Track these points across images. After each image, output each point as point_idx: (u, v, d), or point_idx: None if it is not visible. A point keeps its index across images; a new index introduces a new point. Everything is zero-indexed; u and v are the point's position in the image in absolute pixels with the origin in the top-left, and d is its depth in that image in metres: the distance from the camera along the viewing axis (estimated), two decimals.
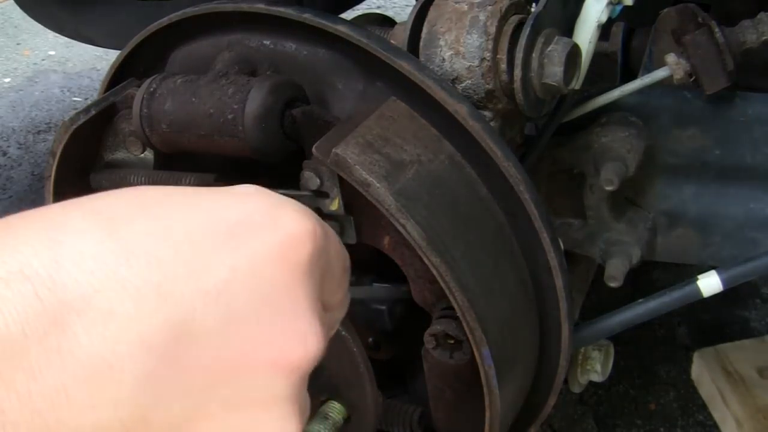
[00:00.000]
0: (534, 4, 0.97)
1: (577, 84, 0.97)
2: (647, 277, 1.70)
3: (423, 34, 0.93)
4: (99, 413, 0.34)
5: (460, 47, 0.90)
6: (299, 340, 0.39)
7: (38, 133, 2.77)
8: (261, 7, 0.92)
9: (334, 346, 0.51)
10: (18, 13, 2.63)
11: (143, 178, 0.94)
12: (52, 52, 3.28)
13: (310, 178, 0.83)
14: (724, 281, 0.96)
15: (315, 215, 0.42)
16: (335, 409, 0.83)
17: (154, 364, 0.35)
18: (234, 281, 0.37)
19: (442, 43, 0.91)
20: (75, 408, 0.34)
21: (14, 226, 0.36)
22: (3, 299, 0.33)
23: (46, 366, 0.33)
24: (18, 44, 3.37)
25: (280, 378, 0.38)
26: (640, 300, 1.00)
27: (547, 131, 1.07)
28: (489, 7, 0.90)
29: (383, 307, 0.96)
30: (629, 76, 1.16)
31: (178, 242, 0.37)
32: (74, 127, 0.95)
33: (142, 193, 0.39)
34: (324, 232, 0.42)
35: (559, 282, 0.89)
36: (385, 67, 0.87)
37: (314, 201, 0.84)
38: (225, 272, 0.37)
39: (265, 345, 0.38)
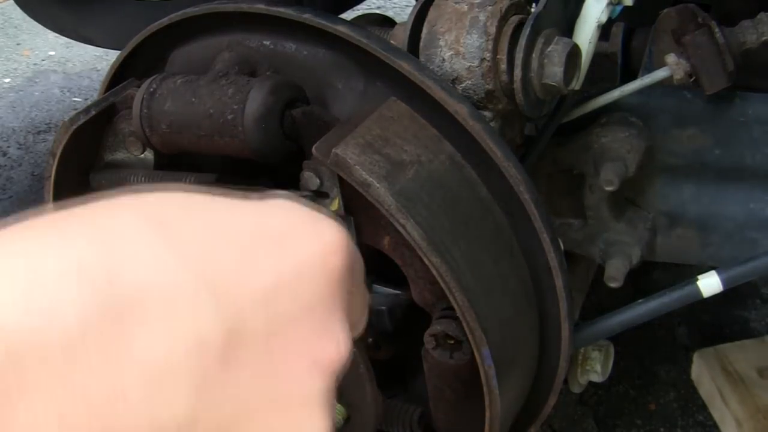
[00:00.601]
0: (534, 4, 0.97)
1: (577, 84, 0.97)
2: (647, 277, 1.70)
3: (423, 35, 0.93)
4: (156, 414, 0.34)
5: (460, 47, 0.90)
6: (334, 343, 0.40)
7: (38, 133, 2.77)
8: (261, 7, 0.92)
9: None
10: (18, 13, 2.63)
11: (143, 179, 0.94)
12: (52, 53, 3.28)
13: (310, 178, 0.83)
14: (724, 281, 0.96)
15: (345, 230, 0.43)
16: (335, 410, 0.83)
17: (208, 366, 0.35)
18: (280, 286, 0.38)
19: (442, 43, 0.91)
20: (132, 409, 0.34)
21: (62, 222, 0.36)
22: (62, 296, 0.33)
23: (105, 367, 0.33)
24: (18, 44, 3.37)
25: (317, 379, 0.40)
26: (640, 300, 1.00)
27: (547, 131, 1.07)
28: (489, 8, 0.91)
29: (383, 308, 0.96)
30: (629, 76, 1.16)
31: (228, 245, 0.38)
32: (74, 127, 0.95)
33: (189, 197, 0.40)
34: (353, 247, 0.44)
35: (559, 282, 0.89)
36: (385, 67, 0.87)
37: (314, 201, 0.84)
38: (272, 277, 0.38)
39: (306, 348, 0.39)
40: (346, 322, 0.42)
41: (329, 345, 0.40)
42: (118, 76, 1.03)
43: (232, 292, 0.37)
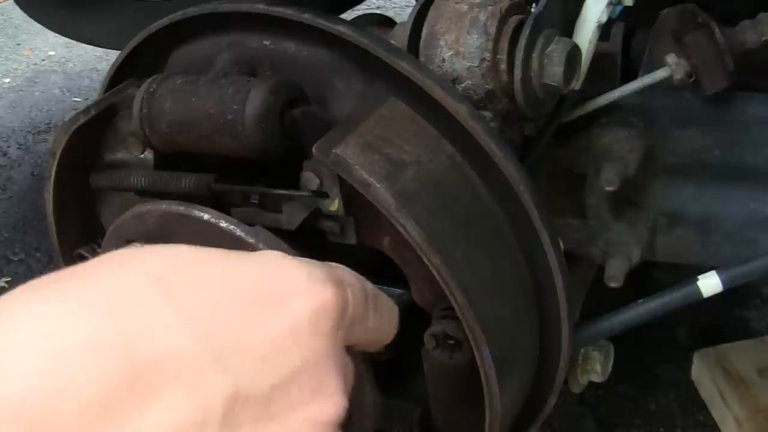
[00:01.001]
0: (534, 5, 0.97)
1: (577, 84, 0.97)
2: (647, 277, 1.70)
3: (423, 35, 0.93)
4: None
5: (460, 48, 0.90)
6: (332, 400, 0.42)
7: (38, 133, 2.77)
8: (261, 7, 0.92)
9: None
10: (18, 13, 2.63)
11: (143, 179, 0.94)
12: (52, 53, 3.28)
13: (310, 178, 0.83)
14: (724, 281, 0.96)
15: (341, 276, 0.44)
16: None
17: (215, 430, 0.37)
18: (279, 346, 0.40)
19: (442, 43, 0.91)
20: None
21: (70, 290, 0.37)
22: (83, 370, 0.34)
23: None
24: (18, 44, 3.37)
25: None
26: (640, 300, 1.00)
27: (548, 131, 1.07)
28: (489, 8, 0.91)
29: None
30: (629, 76, 1.16)
31: (227, 308, 0.39)
32: (74, 127, 0.95)
33: (185, 255, 0.41)
34: (346, 289, 0.45)
35: (559, 282, 0.89)
36: (385, 67, 0.87)
37: (314, 201, 0.84)
38: (271, 337, 0.40)
39: (305, 406, 0.40)
40: (342, 373, 0.43)
41: (328, 403, 0.41)
42: (118, 76, 1.03)
43: (234, 353, 0.38)
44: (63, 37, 2.04)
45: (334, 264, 0.58)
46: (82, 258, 1.02)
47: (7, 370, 0.33)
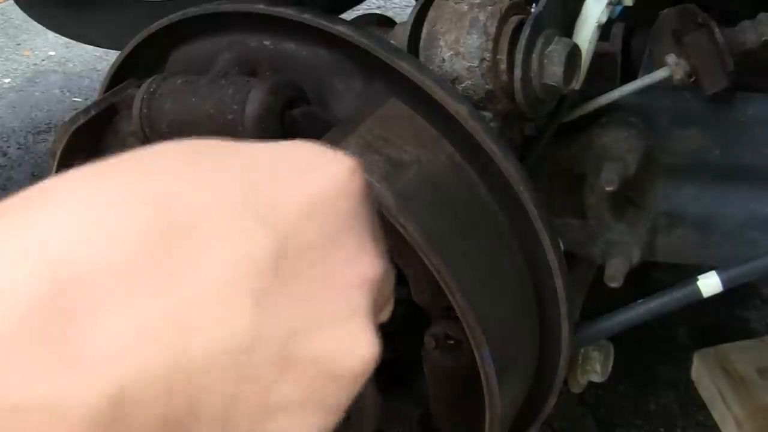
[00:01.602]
0: (534, 4, 0.97)
1: (577, 84, 0.97)
2: (647, 277, 1.70)
3: (423, 35, 0.93)
4: (220, 335, 0.35)
5: (460, 48, 0.90)
6: (372, 260, 0.41)
7: (38, 133, 2.77)
8: (261, 7, 0.92)
9: None
10: (18, 14, 2.63)
11: None
12: (52, 53, 3.28)
13: None
14: (724, 281, 0.96)
15: None
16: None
17: (264, 281, 0.36)
18: (317, 204, 0.40)
19: (442, 43, 0.91)
20: (196, 333, 0.34)
21: (101, 168, 0.38)
22: (121, 223, 0.34)
23: (165, 291, 0.34)
24: (18, 44, 3.37)
25: (362, 294, 0.41)
26: (640, 300, 1.00)
27: (548, 131, 1.07)
28: (489, 8, 0.91)
29: None
30: (629, 76, 1.16)
31: (265, 167, 0.39)
32: (74, 127, 0.95)
33: (212, 141, 0.41)
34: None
35: (559, 282, 0.89)
36: (385, 67, 0.87)
37: None
38: (308, 196, 0.39)
39: (348, 263, 0.40)
40: (375, 241, 0.43)
41: (368, 261, 0.41)
42: (118, 76, 1.03)
43: (274, 209, 0.38)
44: (63, 37, 2.04)
45: None
46: None
47: (49, 231, 0.33)
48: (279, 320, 0.37)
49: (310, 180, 0.40)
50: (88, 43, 2.01)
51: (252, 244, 0.36)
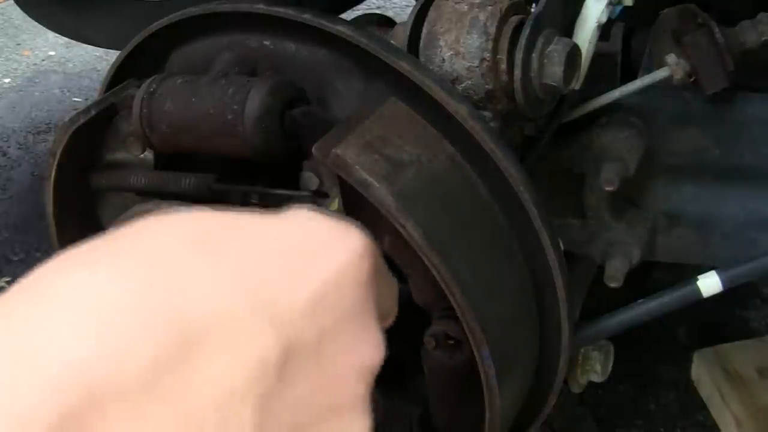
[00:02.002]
0: (534, 4, 0.97)
1: (577, 84, 0.97)
2: (647, 277, 1.70)
3: (423, 35, 0.93)
4: None
5: (460, 47, 0.90)
6: (373, 346, 0.42)
7: (38, 133, 2.77)
8: (261, 7, 0.92)
9: None
10: (18, 13, 2.63)
11: (143, 179, 0.94)
12: (52, 53, 3.28)
13: (310, 178, 0.83)
14: (724, 281, 0.96)
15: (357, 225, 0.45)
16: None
17: (269, 385, 0.37)
18: (323, 296, 0.40)
19: (441, 43, 0.91)
20: None
21: (109, 258, 0.37)
22: (135, 334, 0.34)
23: (179, 395, 0.34)
24: (18, 44, 3.37)
25: (361, 381, 0.42)
26: (640, 300, 1.00)
27: (548, 131, 1.07)
28: (489, 8, 0.90)
29: None
30: (629, 76, 1.16)
31: (269, 262, 0.40)
32: (74, 127, 0.95)
33: (219, 215, 0.41)
34: (375, 246, 0.46)
35: (559, 282, 0.89)
36: (385, 67, 0.87)
37: (314, 201, 0.84)
38: (315, 288, 0.40)
39: (351, 354, 0.41)
40: (378, 322, 0.43)
41: (370, 348, 0.42)
42: (118, 76, 1.03)
43: (282, 307, 0.38)
44: (63, 37, 2.04)
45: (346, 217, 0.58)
46: None
47: (57, 340, 0.33)
48: (281, 420, 0.38)
49: (317, 270, 0.40)
50: (88, 43, 2.01)
51: (260, 348, 0.37)
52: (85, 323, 0.34)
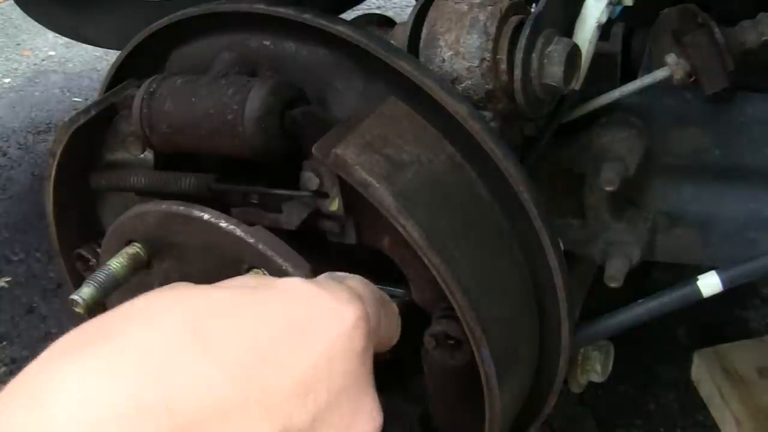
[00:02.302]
0: (534, 4, 0.97)
1: (577, 84, 0.97)
2: (647, 277, 1.70)
3: (423, 35, 0.93)
4: None
5: (460, 48, 0.90)
6: (369, 418, 0.43)
7: (38, 133, 2.77)
8: (261, 7, 0.92)
9: None
10: (18, 14, 2.63)
11: (143, 179, 0.94)
12: (52, 53, 3.28)
13: (310, 178, 0.83)
14: (724, 281, 0.96)
15: (356, 290, 0.45)
16: None
17: None
18: (315, 377, 0.41)
19: (442, 43, 0.91)
20: None
21: (102, 353, 0.37)
22: (129, 430, 0.34)
23: None
24: (18, 44, 3.37)
25: None
26: (640, 300, 1.00)
27: (548, 131, 1.07)
28: (489, 8, 0.90)
29: None
30: (629, 76, 1.16)
31: (263, 349, 0.40)
32: (74, 127, 0.95)
33: (211, 300, 0.41)
34: (364, 303, 0.46)
35: (559, 282, 0.89)
36: (385, 67, 0.87)
37: (314, 201, 0.84)
38: (308, 368, 0.41)
39: (347, 427, 0.42)
40: (374, 390, 0.44)
41: (365, 419, 0.43)
42: (118, 76, 1.03)
43: (275, 393, 0.39)
44: (63, 37, 2.04)
45: (346, 275, 0.58)
46: (81, 258, 1.02)
47: None
48: None
49: (307, 348, 0.41)
50: (88, 43, 2.01)
51: None
52: (77, 429, 0.34)
